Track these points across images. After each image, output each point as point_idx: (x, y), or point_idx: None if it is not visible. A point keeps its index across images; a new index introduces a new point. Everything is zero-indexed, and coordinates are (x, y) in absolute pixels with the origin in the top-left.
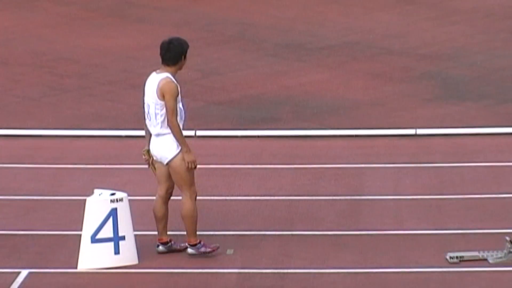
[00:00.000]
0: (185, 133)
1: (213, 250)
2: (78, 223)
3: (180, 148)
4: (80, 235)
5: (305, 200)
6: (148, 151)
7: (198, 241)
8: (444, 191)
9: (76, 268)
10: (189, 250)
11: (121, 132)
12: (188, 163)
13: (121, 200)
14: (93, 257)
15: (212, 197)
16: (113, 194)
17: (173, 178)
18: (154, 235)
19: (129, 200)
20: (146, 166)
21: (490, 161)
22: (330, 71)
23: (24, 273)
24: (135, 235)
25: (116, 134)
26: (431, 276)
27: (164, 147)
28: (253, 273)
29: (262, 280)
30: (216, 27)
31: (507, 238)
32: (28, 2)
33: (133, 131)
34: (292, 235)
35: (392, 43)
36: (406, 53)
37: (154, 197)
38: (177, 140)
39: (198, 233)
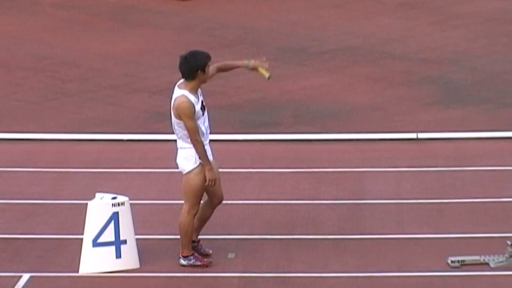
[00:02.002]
0: None
1: (204, 265)
2: (80, 227)
3: (197, 163)
4: (81, 239)
5: (306, 204)
6: None
7: (190, 253)
8: (446, 195)
9: (77, 272)
10: (180, 261)
11: (122, 136)
12: (209, 181)
13: (122, 204)
14: (94, 261)
15: None
16: (114, 198)
17: (182, 188)
18: (156, 239)
19: (131, 204)
20: (148, 170)
21: (492, 165)
22: (332, 75)
23: (25, 277)
24: (137, 239)
25: (117, 138)
26: (432, 280)
27: (184, 160)
28: (254, 277)
29: (263, 284)
30: (217, 31)
31: (509, 242)
32: (29, 6)
33: (135, 135)
34: (293, 239)
35: (394, 47)
36: (407, 58)
37: (155, 201)
38: (200, 158)
39: (200, 237)
